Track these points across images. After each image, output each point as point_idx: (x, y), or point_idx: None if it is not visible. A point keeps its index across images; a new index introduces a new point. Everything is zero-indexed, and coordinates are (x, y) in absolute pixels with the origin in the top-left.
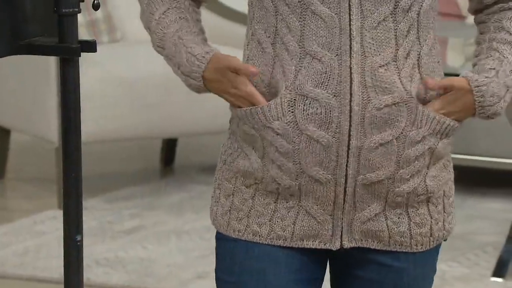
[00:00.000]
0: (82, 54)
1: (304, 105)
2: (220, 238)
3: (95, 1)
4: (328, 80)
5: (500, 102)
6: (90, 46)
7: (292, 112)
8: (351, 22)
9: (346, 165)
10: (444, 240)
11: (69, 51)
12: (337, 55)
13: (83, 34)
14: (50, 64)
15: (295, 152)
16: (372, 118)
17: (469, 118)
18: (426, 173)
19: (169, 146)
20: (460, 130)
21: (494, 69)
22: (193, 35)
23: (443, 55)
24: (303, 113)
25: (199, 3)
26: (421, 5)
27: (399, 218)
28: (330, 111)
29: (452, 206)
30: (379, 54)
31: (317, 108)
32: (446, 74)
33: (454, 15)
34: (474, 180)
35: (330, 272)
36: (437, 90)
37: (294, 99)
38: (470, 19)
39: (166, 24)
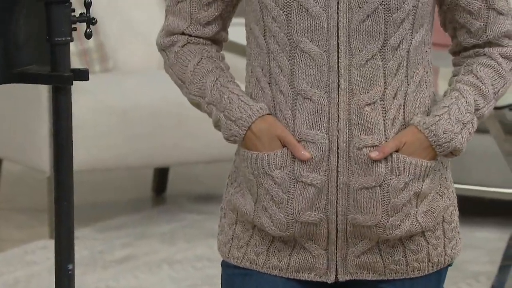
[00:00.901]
0: (74, 83)
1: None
2: (223, 265)
3: (88, 30)
4: (320, 118)
5: (456, 137)
6: (83, 75)
7: (293, 161)
8: (339, 60)
9: (336, 202)
10: (450, 265)
11: (61, 79)
12: (326, 92)
13: (75, 63)
14: (41, 93)
15: (289, 202)
16: (355, 158)
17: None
18: (416, 212)
19: (161, 175)
20: (460, 154)
21: (447, 106)
22: (235, 84)
23: (435, 85)
24: (301, 161)
25: (222, 45)
26: (411, 43)
27: (393, 247)
28: (323, 151)
29: (455, 232)
30: (367, 92)
31: (313, 152)
32: None
33: (445, 45)
34: (466, 209)
35: None
36: (386, 155)
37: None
38: None
39: (203, 73)
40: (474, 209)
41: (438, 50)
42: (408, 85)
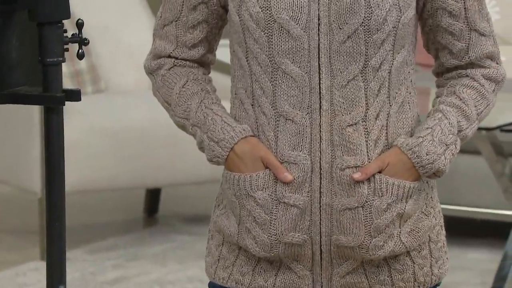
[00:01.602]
0: (66, 104)
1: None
2: (210, 285)
3: (80, 51)
4: (302, 139)
5: (439, 159)
6: (75, 95)
7: (276, 182)
8: (321, 81)
9: (320, 223)
10: (437, 285)
11: (53, 100)
12: (308, 113)
13: (67, 84)
14: (33, 113)
15: (272, 223)
16: (338, 179)
17: (449, 169)
18: (400, 232)
19: (153, 196)
20: (444, 176)
21: (430, 128)
22: (220, 106)
23: (426, 105)
24: (283, 182)
25: (209, 67)
26: (392, 63)
27: (377, 267)
28: (306, 172)
29: (442, 251)
30: (349, 113)
31: (295, 173)
32: None
33: None
34: (458, 230)
35: None
36: (369, 176)
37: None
38: None
39: (188, 96)
40: (466, 230)
41: (428, 71)
42: (391, 106)
